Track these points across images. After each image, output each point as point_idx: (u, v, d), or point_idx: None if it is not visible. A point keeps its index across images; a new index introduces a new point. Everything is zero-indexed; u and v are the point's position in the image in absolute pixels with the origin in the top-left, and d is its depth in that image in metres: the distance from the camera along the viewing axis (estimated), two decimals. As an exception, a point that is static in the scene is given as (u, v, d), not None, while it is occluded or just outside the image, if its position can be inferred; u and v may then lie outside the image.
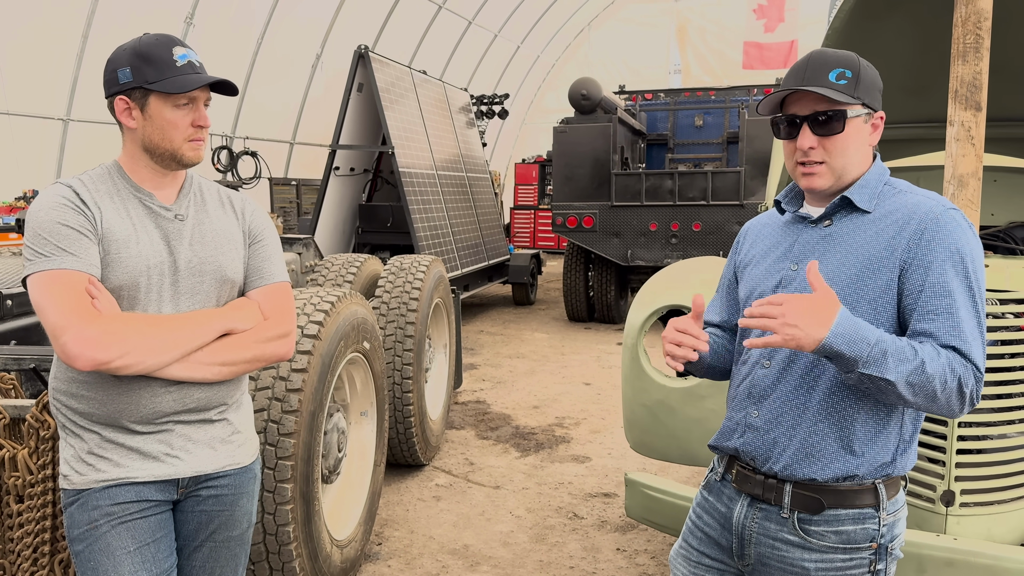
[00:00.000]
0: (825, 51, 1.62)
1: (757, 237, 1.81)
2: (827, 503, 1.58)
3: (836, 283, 1.58)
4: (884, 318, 1.56)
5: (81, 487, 1.75)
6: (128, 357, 1.64)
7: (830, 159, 1.60)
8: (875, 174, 1.64)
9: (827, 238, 1.64)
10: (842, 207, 1.64)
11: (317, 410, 2.93)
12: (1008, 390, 2.28)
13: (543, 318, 10.36)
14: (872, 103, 1.61)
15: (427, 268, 4.85)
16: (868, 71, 1.61)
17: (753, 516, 1.67)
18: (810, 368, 1.60)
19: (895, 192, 1.63)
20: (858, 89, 1.58)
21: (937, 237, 1.52)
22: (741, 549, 1.69)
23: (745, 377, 1.71)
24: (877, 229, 1.59)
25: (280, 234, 5.57)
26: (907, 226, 1.55)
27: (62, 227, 1.67)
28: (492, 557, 3.67)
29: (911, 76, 3.08)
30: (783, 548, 1.62)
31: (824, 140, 1.60)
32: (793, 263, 1.67)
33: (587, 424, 5.75)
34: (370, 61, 8.12)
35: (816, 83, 1.58)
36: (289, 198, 11.55)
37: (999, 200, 3.19)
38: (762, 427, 1.65)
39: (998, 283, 2.33)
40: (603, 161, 9.16)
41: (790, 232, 1.72)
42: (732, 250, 1.90)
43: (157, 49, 1.75)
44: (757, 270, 1.74)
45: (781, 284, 1.67)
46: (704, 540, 1.78)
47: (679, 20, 19.58)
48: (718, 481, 1.78)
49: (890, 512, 1.60)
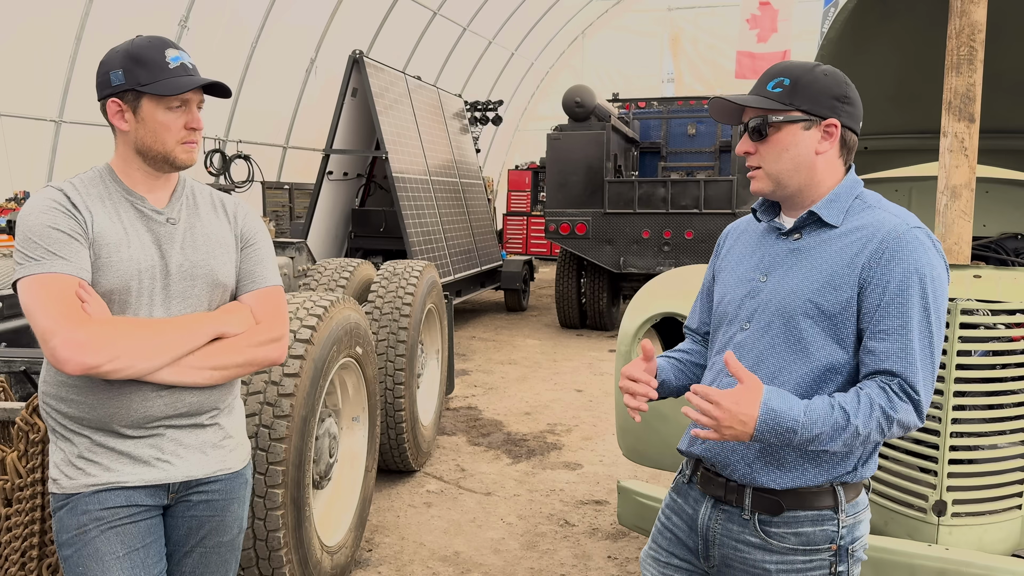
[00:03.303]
0: (782, 63, 1.67)
1: (736, 241, 1.85)
2: (786, 505, 1.61)
3: (799, 297, 1.60)
4: (844, 334, 1.58)
5: (70, 491, 1.73)
6: (118, 361, 1.62)
7: (764, 164, 1.65)
8: (845, 188, 1.65)
9: (795, 251, 1.66)
10: (811, 221, 1.65)
11: (309, 415, 2.91)
12: (1000, 400, 2.29)
13: (535, 324, 10.36)
14: (816, 110, 1.61)
15: (420, 273, 4.85)
16: (819, 80, 1.62)
17: (717, 518, 1.70)
18: (772, 379, 1.63)
19: (864, 207, 1.64)
20: (795, 96, 1.60)
21: (898, 256, 1.53)
22: (706, 550, 1.72)
23: (711, 384, 1.74)
24: (842, 244, 1.60)
25: (272, 238, 5.56)
26: (869, 243, 1.57)
27: (52, 231, 1.66)
28: (483, 564, 3.66)
29: (905, 87, 3.10)
30: (745, 549, 1.65)
31: (758, 145, 1.65)
32: (762, 274, 1.69)
33: (579, 431, 5.75)
34: (365, 66, 8.12)
35: (757, 93, 1.65)
36: (282, 202, 11.52)
37: (991, 211, 3.20)
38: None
39: (990, 294, 2.34)
40: (596, 168, 9.18)
41: (763, 242, 1.75)
42: (714, 253, 1.93)
43: (150, 51, 1.74)
44: (730, 278, 1.78)
45: (748, 295, 1.70)
46: (672, 541, 1.80)
47: (673, 29, 19.67)
48: (685, 483, 1.81)
49: (849, 514, 1.62)
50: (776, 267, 1.67)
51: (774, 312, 1.63)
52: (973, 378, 2.29)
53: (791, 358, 1.61)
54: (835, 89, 1.62)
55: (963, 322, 2.26)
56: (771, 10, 15.57)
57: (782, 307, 1.62)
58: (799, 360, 1.60)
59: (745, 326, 1.68)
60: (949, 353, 2.26)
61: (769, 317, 1.64)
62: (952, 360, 2.26)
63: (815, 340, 1.59)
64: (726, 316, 1.74)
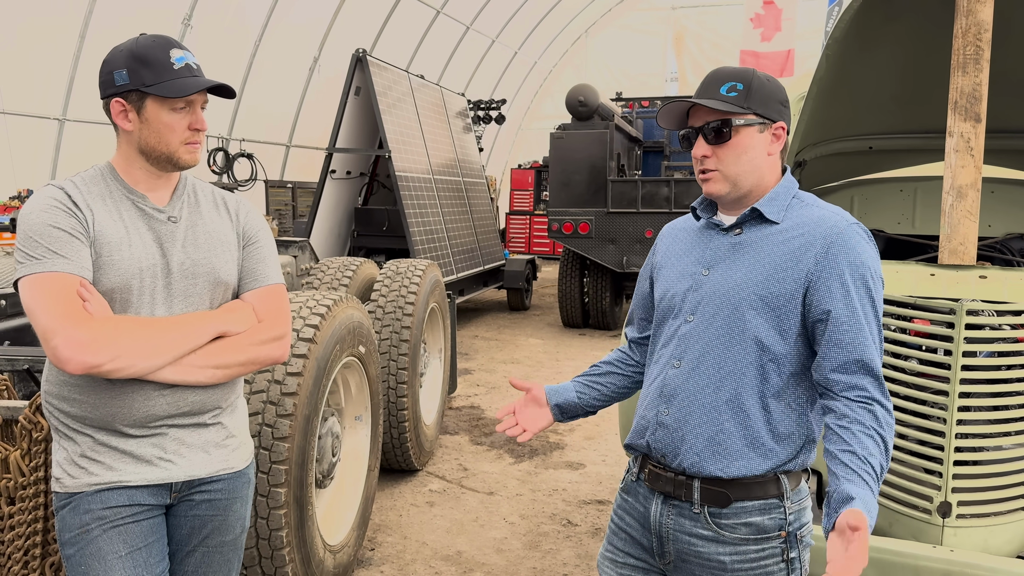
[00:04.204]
0: (722, 68, 1.74)
1: (673, 241, 1.89)
2: (733, 496, 1.65)
3: (743, 289, 1.66)
4: (786, 325, 1.65)
5: (73, 490, 1.73)
6: (120, 360, 1.62)
7: (722, 166, 1.70)
8: (784, 187, 1.73)
9: (737, 246, 1.72)
10: (752, 218, 1.72)
11: (312, 414, 2.91)
12: (1005, 401, 2.28)
13: (538, 324, 10.35)
14: (768, 114, 1.69)
15: (423, 272, 4.84)
16: (765, 84, 1.70)
17: (668, 513, 1.73)
18: (718, 367, 1.68)
19: (802, 205, 1.72)
20: (749, 100, 1.67)
21: (843, 252, 1.62)
22: (661, 547, 1.75)
23: (656, 376, 1.78)
24: (783, 239, 1.67)
25: (275, 237, 5.55)
26: (815, 240, 1.64)
27: (53, 229, 1.66)
28: (485, 564, 3.65)
29: (910, 86, 3.09)
30: (698, 543, 1.68)
31: (716, 148, 1.69)
32: (705, 268, 1.75)
33: (581, 430, 5.74)
34: (368, 65, 8.11)
35: (707, 96, 1.69)
36: (285, 201, 11.53)
37: (996, 212, 3.19)
38: (672, 424, 1.71)
39: (996, 295, 2.32)
40: (599, 168, 9.17)
41: (703, 238, 1.80)
42: (650, 252, 1.97)
43: (154, 51, 1.73)
44: (671, 273, 1.82)
45: (692, 288, 1.74)
46: (627, 541, 1.82)
47: (676, 28, 19.63)
48: (634, 481, 1.83)
49: (794, 501, 1.67)
50: (718, 261, 1.73)
51: (718, 304, 1.68)
52: (978, 379, 2.28)
53: (734, 348, 1.66)
54: (779, 94, 1.72)
55: (969, 323, 2.25)
56: (775, 9, 15.54)
57: (726, 299, 1.68)
58: (743, 350, 1.66)
59: (689, 318, 1.73)
60: (955, 354, 2.26)
61: (714, 309, 1.69)
62: (957, 361, 2.25)
63: (758, 331, 1.65)
64: (671, 310, 1.78)
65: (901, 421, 2.35)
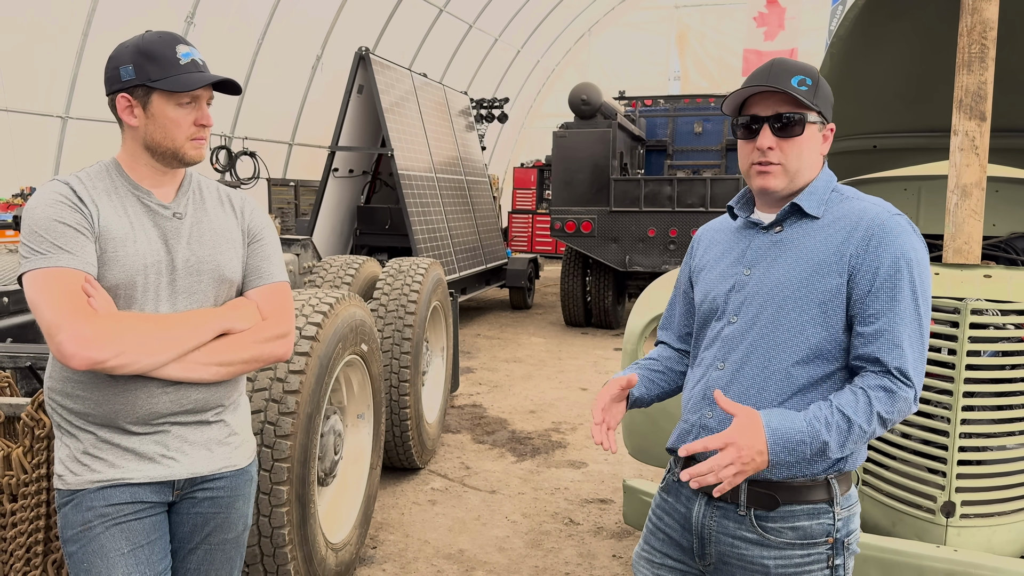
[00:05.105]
0: (785, 59, 1.68)
1: (711, 242, 1.86)
2: (781, 499, 1.61)
3: (787, 287, 1.63)
4: (833, 321, 1.61)
5: (76, 487, 1.73)
6: (124, 357, 1.62)
7: (786, 161, 1.66)
8: (823, 181, 1.70)
9: (778, 243, 1.69)
10: (792, 213, 1.69)
11: (314, 412, 2.91)
12: (1008, 401, 2.27)
13: (540, 323, 10.34)
14: (826, 114, 1.68)
15: (426, 271, 4.84)
16: (825, 84, 1.69)
17: (711, 515, 1.69)
18: (762, 368, 1.64)
19: (842, 198, 1.69)
20: (816, 97, 1.65)
21: (885, 242, 1.58)
22: (702, 549, 1.71)
23: (700, 380, 1.75)
24: (826, 234, 1.64)
25: (278, 235, 5.54)
26: (855, 232, 1.61)
27: (59, 224, 1.65)
28: (487, 562, 3.65)
29: (914, 85, 3.08)
30: (742, 546, 1.64)
31: (783, 142, 1.65)
32: (746, 268, 1.71)
33: (583, 429, 5.74)
34: (371, 63, 8.11)
35: (777, 85, 1.63)
36: (287, 199, 11.52)
37: (1001, 211, 3.18)
38: (717, 428, 1.68)
39: (1000, 294, 2.32)
40: (602, 166, 9.16)
41: (742, 237, 1.77)
42: (686, 256, 1.94)
43: (160, 47, 1.73)
44: (711, 275, 1.79)
45: (734, 288, 1.71)
46: (665, 541, 1.79)
47: (679, 27, 19.61)
48: (676, 481, 1.80)
49: (844, 507, 1.63)
50: (760, 260, 1.69)
51: (761, 304, 1.65)
52: (982, 378, 2.28)
53: (780, 347, 1.63)
54: (831, 96, 1.71)
55: (973, 322, 2.25)
56: (778, 8, 15.53)
57: (769, 298, 1.64)
58: (788, 348, 1.62)
59: (732, 319, 1.69)
60: (959, 353, 2.25)
61: (757, 308, 1.66)
62: (962, 360, 2.25)
63: (804, 328, 1.61)
64: (713, 312, 1.75)
65: (905, 420, 2.35)
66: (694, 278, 1.86)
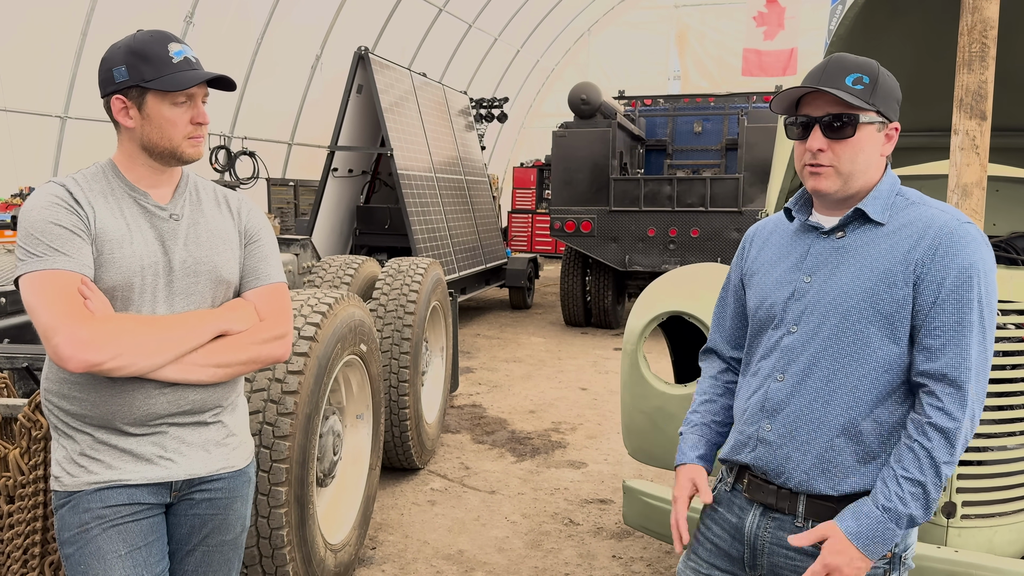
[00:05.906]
0: (846, 56, 1.61)
1: (764, 243, 1.79)
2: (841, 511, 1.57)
3: (851, 296, 1.57)
4: (900, 333, 1.55)
5: (72, 489, 1.72)
6: (121, 359, 1.61)
7: (838, 163, 1.59)
8: (887, 185, 1.63)
9: (840, 250, 1.62)
10: (856, 218, 1.62)
11: (313, 413, 2.90)
12: (1009, 401, 2.27)
13: (540, 322, 10.34)
14: (888, 112, 1.60)
15: (425, 271, 4.83)
16: (887, 80, 1.60)
17: (766, 526, 1.65)
18: (826, 382, 1.58)
19: (908, 204, 1.62)
20: (874, 96, 1.57)
21: (952, 252, 1.51)
22: (753, 559, 1.67)
23: (757, 390, 1.69)
24: (892, 242, 1.57)
25: (277, 235, 5.54)
26: (922, 240, 1.54)
27: (55, 227, 1.64)
28: (487, 563, 3.64)
29: (914, 84, 3.07)
30: (797, 558, 1.60)
31: (834, 144, 1.58)
32: (807, 275, 1.65)
33: (583, 429, 5.73)
34: (370, 63, 8.10)
35: (832, 86, 1.57)
36: (287, 199, 11.51)
37: (1001, 210, 3.17)
38: (775, 441, 1.63)
39: (1001, 294, 2.31)
40: (602, 166, 9.15)
41: (801, 241, 1.70)
42: (737, 255, 1.88)
43: (153, 46, 1.72)
44: (767, 279, 1.72)
45: (794, 296, 1.65)
46: (713, 551, 1.75)
47: (679, 26, 19.60)
48: (728, 491, 1.75)
49: None
50: (821, 267, 1.63)
51: (824, 313, 1.59)
52: (983, 379, 2.26)
53: (845, 359, 1.57)
54: (897, 91, 1.62)
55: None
56: (778, 7, 15.52)
57: (833, 307, 1.58)
58: (854, 361, 1.57)
59: (792, 329, 1.63)
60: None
61: (819, 318, 1.60)
62: (962, 360, 2.23)
63: (871, 340, 1.55)
64: (770, 320, 1.69)
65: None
66: (746, 280, 1.81)
